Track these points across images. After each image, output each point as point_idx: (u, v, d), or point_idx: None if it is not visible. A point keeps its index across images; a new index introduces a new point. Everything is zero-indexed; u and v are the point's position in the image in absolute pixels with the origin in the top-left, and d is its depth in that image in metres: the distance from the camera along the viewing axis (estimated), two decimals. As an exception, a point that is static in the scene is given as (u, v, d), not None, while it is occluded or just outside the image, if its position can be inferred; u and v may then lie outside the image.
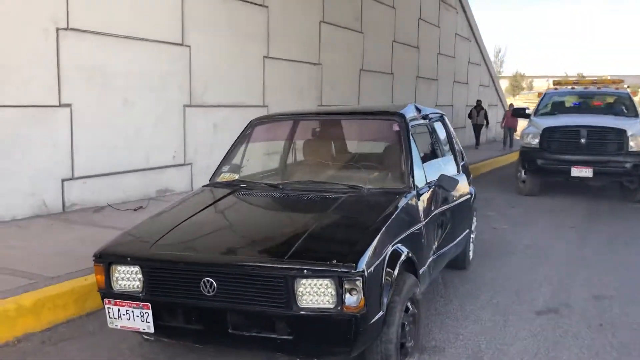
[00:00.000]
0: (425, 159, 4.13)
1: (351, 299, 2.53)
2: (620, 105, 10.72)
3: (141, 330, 2.93)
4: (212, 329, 2.81)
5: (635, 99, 11.57)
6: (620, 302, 4.37)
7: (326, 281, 2.56)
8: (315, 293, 2.58)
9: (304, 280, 2.58)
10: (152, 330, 2.89)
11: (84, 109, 6.63)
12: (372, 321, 2.64)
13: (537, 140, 9.64)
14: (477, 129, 18.82)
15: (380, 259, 2.76)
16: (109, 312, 2.96)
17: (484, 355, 3.40)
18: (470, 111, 19.04)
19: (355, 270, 2.53)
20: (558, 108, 11.05)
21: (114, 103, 7.01)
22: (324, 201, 3.34)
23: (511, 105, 20.69)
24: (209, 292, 2.71)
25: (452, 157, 4.55)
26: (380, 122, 4.08)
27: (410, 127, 3.82)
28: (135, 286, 2.91)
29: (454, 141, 4.74)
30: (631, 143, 9.05)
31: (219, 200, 3.53)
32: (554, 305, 4.30)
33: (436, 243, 3.81)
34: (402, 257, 3.00)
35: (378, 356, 2.83)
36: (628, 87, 12.28)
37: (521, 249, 6.10)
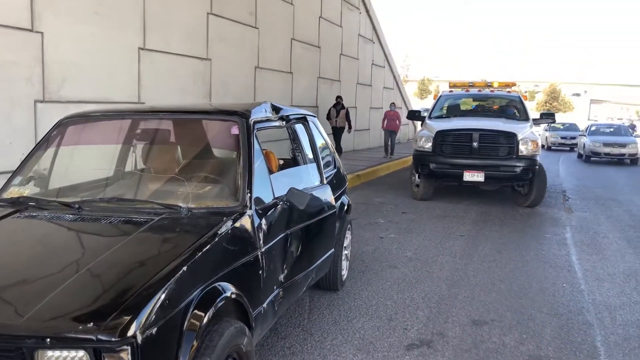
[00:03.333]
0: (284, 167, 3.49)
1: None
2: (512, 108, 10.69)
3: None
4: None
5: (528, 103, 11.61)
6: (499, 329, 3.93)
7: (80, 353, 1.82)
8: None
9: (49, 353, 1.83)
10: None
11: None
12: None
13: (430, 144, 9.34)
14: (337, 132, 14.79)
15: (175, 311, 2.06)
16: None
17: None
18: (329, 110, 14.85)
19: (121, 336, 1.80)
20: (452, 111, 10.87)
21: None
22: (125, 227, 2.58)
23: (392, 104, 17.54)
24: None
25: (314, 165, 3.91)
26: (216, 123, 3.35)
27: (254, 130, 3.14)
28: None
29: (317, 147, 4.10)
30: (521, 147, 8.94)
31: (-11, 225, 2.66)
32: (428, 336, 3.77)
33: (285, 271, 3.15)
34: (219, 300, 2.31)
35: None
36: (526, 92, 12.38)
37: (404, 262, 5.62)
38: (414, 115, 11.30)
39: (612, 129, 21.53)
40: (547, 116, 11.19)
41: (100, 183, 3.29)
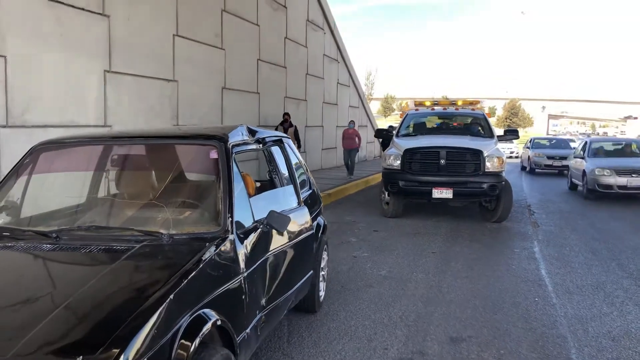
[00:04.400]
0: (261, 190, 3.48)
1: None
2: (476, 126, 10.91)
3: None
4: None
5: (491, 119, 11.89)
6: (477, 345, 3.97)
7: None
8: None
9: None
10: None
11: None
12: None
13: (398, 162, 9.46)
14: None
15: (164, 340, 2.03)
16: None
17: None
18: (276, 129, 13.57)
19: None
20: (419, 129, 11.04)
21: None
22: (105, 256, 2.53)
23: (351, 122, 17.15)
24: None
25: (291, 187, 3.91)
26: (194, 147, 3.33)
27: (233, 154, 3.14)
28: None
29: (293, 168, 4.12)
30: (487, 164, 9.13)
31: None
32: (408, 355, 3.79)
33: (267, 295, 3.13)
34: (206, 328, 2.28)
35: None
36: (489, 108, 12.64)
37: (379, 281, 5.65)
38: (381, 133, 11.43)
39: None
40: (511, 133, 11.47)
41: (76, 210, 3.23)
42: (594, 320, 4.54)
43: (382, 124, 30.95)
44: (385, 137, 11.17)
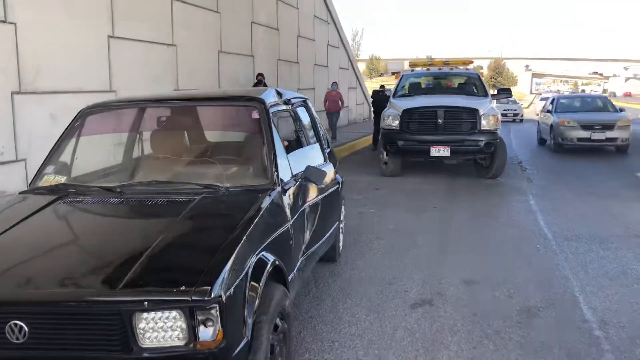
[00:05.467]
0: (289, 148, 3.74)
1: (206, 333, 2.07)
2: (470, 85, 11.17)
3: None
4: None
5: None
6: (489, 286, 4.35)
7: (174, 313, 2.07)
8: (160, 329, 2.08)
9: (145, 315, 2.06)
10: None
11: None
12: (234, 353, 2.19)
13: (397, 122, 9.72)
14: None
15: (241, 276, 2.32)
16: None
17: (362, 363, 3.12)
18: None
19: (210, 296, 2.06)
20: (415, 89, 11.27)
21: None
22: (171, 207, 2.80)
23: (334, 83, 16.72)
24: (17, 339, 2.10)
25: (317, 145, 4.19)
26: (237, 108, 3.57)
27: (271, 114, 3.39)
28: None
29: (319, 127, 4.39)
30: (483, 122, 9.43)
31: (37, 212, 2.83)
32: (427, 296, 4.15)
33: (306, 242, 3.44)
34: (268, 267, 2.58)
35: None
36: (475, 68, 12.90)
37: (389, 234, 5.99)
38: (378, 94, 11.65)
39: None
40: (504, 91, 11.77)
41: (127, 169, 3.48)
42: (592, 263, 4.93)
43: (368, 86, 30.96)
44: (375, 97, 11.36)
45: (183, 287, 2.06)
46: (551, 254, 5.21)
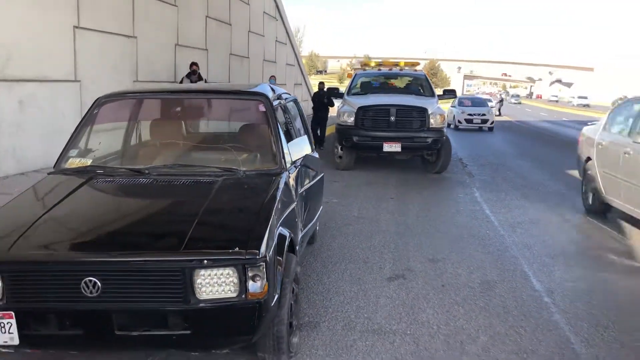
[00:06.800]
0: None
1: (255, 286, 2.51)
2: (418, 86, 11.90)
3: (1, 343, 2.55)
4: (94, 333, 2.56)
5: None
6: (451, 264, 4.95)
7: (228, 270, 2.49)
8: (215, 283, 2.49)
9: (203, 271, 2.47)
10: (16, 342, 2.53)
11: None
12: (271, 305, 2.64)
13: (352, 119, 10.27)
14: None
15: (274, 244, 2.76)
16: None
17: (355, 325, 3.62)
18: (181, 81, 11.98)
19: (260, 255, 2.50)
20: (367, 88, 11.86)
21: None
22: (200, 185, 3.20)
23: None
24: (91, 293, 2.46)
25: (306, 136, 4.65)
26: (245, 102, 3.99)
27: (274, 107, 3.83)
28: None
29: (306, 121, 4.85)
30: (431, 120, 10.13)
31: (77, 189, 3.15)
32: (399, 272, 4.71)
33: (303, 221, 3.90)
34: (288, 238, 3.04)
35: (270, 339, 2.84)
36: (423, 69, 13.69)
37: (354, 220, 6.53)
38: (333, 92, 12.19)
39: None
40: (449, 93, 12.55)
41: (150, 153, 3.82)
42: (535, 245, 5.64)
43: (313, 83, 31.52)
44: (337, 96, 11.90)
45: (237, 248, 2.49)
46: (500, 238, 5.90)
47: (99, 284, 2.45)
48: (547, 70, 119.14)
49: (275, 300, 2.70)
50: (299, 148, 4.11)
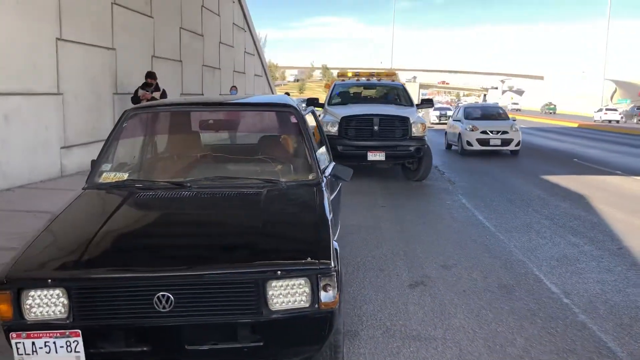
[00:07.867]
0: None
1: (328, 296, 2.52)
2: (397, 96, 12.10)
3: (66, 363, 2.48)
4: (163, 348, 2.52)
5: None
6: (465, 269, 5.06)
7: (300, 280, 2.50)
8: (288, 294, 2.50)
9: (275, 282, 2.48)
10: None
11: None
12: (339, 314, 2.67)
13: (335, 128, 10.36)
14: None
15: (337, 253, 2.79)
16: (18, 349, 2.45)
17: (394, 332, 3.67)
18: (136, 92, 10.29)
19: (332, 265, 2.52)
20: (347, 98, 12.00)
21: None
22: (246, 197, 3.20)
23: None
24: (164, 307, 2.43)
25: (324, 147, 4.68)
26: (276, 114, 4.01)
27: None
28: (57, 312, 2.46)
29: (323, 132, 4.89)
30: (413, 129, 10.31)
31: (122, 204, 3.10)
32: (418, 279, 4.78)
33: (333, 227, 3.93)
34: (337, 247, 3.06)
35: (328, 348, 2.85)
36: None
37: (356, 229, 6.58)
38: (313, 102, 12.24)
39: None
40: (427, 102, 12.81)
41: (184, 166, 3.77)
42: (537, 249, 5.81)
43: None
44: (317, 106, 11.96)
45: (309, 259, 2.50)
46: (501, 243, 6.05)
47: (172, 299, 2.42)
48: (500, 78, 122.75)
49: (338, 306, 2.72)
50: (325, 157, 4.16)
